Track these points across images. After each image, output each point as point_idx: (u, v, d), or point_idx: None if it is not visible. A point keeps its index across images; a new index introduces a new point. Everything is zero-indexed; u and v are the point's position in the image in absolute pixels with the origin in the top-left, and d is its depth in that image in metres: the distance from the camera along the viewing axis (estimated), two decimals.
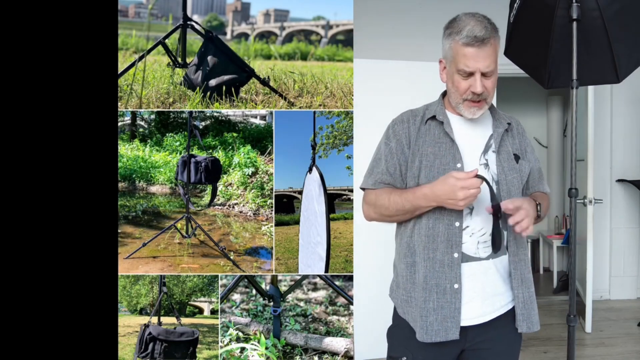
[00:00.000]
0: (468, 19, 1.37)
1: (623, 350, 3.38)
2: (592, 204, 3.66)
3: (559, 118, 5.80)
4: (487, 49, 1.35)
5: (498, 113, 1.52)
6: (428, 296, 1.40)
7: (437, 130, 1.45)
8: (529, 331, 1.45)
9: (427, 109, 1.51)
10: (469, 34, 1.34)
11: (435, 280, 1.39)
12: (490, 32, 1.35)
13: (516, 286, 1.43)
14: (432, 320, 1.39)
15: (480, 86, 1.36)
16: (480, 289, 1.41)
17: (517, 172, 1.45)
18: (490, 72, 1.37)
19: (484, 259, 1.42)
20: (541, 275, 5.50)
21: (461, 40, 1.35)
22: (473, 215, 1.41)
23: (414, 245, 1.44)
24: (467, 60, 1.35)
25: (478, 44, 1.33)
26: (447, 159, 1.41)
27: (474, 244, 1.41)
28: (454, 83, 1.41)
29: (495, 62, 1.38)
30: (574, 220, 1.90)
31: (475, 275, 1.41)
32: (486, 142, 1.46)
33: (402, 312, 1.49)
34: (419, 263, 1.43)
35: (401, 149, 1.46)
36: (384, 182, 1.48)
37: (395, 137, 1.48)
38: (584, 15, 1.84)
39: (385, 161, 1.49)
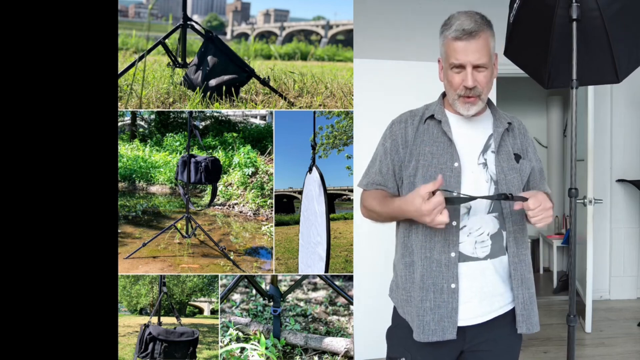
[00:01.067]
0: (459, 15, 1.38)
1: (623, 350, 3.38)
2: (592, 204, 3.66)
3: (559, 118, 5.80)
4: (477, 42, 1.35)
5: (499, 113, 1.51)
6: (425, 295, 1.39)
7: (435, 129, 1.45)
8: (529, 332, 1.44)
9: (427, 108, 1.51)
10: (457, 27, 1.35)
11: (432, 280, 1.39)
12: (480, 26, 1.35)
13: (516, 287, 1.43)
14: (429, 319, 1.39)
15: (472, 80, 1.36)
16: (478, 288, 1.41)
17: (517, 172, 1.44)
18: (483, 66, 1.36)
19: (481, 259, 1.41)
20: (541, 275, 5.51)
21: (451, 35, 1.36)
22: (470, 215, 1.41)
23: (411, 244, 1.45)
24: (456, 54, 1.36)
25: (466, 37, 1.34)
26: (445, 158, 1.40)
27: (471, 244, 1.40)
28: (448, 79, 1.41)
29: (487, 56, 1.37)
30: (574, 220, 1.90)
31: (472, 275, 1.40)
32: (485, 141, 1.45)
33: (402, 312, 1.49)
34: (417, 262, 1.42)
35: (396, 149, 1.47)
36: (375, 183, 1.50)
37: (392, 137, 1.49)
38: (584, 15, 1.84)
39: (379, 162, 1.50)
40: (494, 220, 1.41)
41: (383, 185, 1.49)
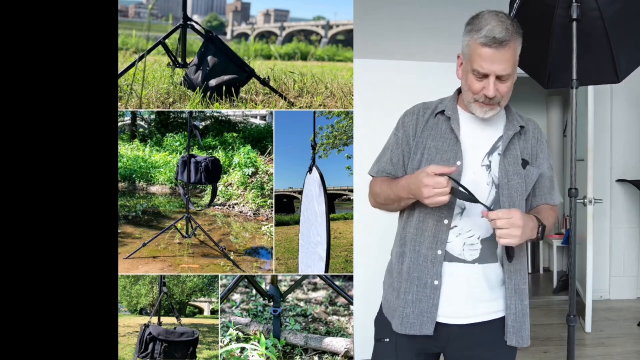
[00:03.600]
0: (490, 17, 1.30)
1: (623, 350, 3.38)
2: (592, 204, 3.66)
3: (559, 118, 5.80)
4: (505, 52, 1.28)
5: (513, 114, 1.46)
6: (409, 288, 1.40)
7: (444, 125, 1.43)
8: (518, 345, 1.39)
9: (441, 102, 1.48)
10: (488, 34, 1.28)
11: (417, 274, 1.39)
12: (511, 35, 1.29)
13: (509, 296, 1.39)
14: (409, 312, 1.39)
15: (493, 90, 1.31)
16: (463, 290, 1.38)
17: (522, 177, 1.39)
18: (507, 77, 1.32)
19: (469, 262, 1.38)
20: (541, 275, 5.50)
21: (479, 40, 1.29)
22: (463, 216, 1.38)
23: (405, 236, 1.45)
24: (482, 62, 1.30)
25: (496, 45, 1.27)
26: (449, 155, 1.38)
27: (459, 245, 1.38)
28: (467, 82, 1.36)
29: (514, 67, 1.33)
30: (574, 220, 1.90)
31: (457, 276, 1.38)
32: (493, 143, 1.41)
33: (385, 297, 1.51)
34: (406, 254, 1.43)
35: (407, 140, 1.46)
36: (386, 172, 1.50)
37: (403, 127, 1.48)
38: (584, 15, 1.84)
39: (390, 151, 1.50)
40: (487, 225, 1.36)
41: (393, 174, 1.49)
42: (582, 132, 3.76)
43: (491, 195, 1.38)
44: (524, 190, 1.40)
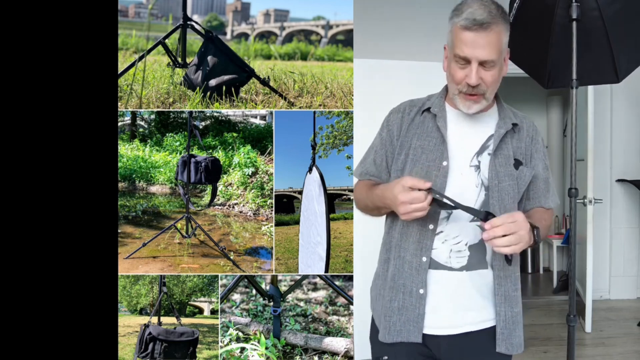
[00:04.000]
0: (473, 1, 1.23)
1: (623, 350, 3.38)
2: (592, 204, 3.66)
3: (558, 118, 5.80)
4: (487, 36, 1.19)
5: (506, 111, 1.36)
6: (394, 296, 1.32)
7: (430, 123, 1.34)
8: (508, 353, 1.31)
9: (428, 99, 1.41)
10: (468, 16, 1.20)
11: (403, 281, 1.31)
12: (494, 17, 1.20)
13: (499, 303, 1.30)
14: (395, 320, 1.32)
15: (476, 77, 1.22)
16: (450, 299, 1.30)
17: (514, 179, 1.29)
18: (491, 63, 1.22)
19: (456, 269, 1.29)
20: (541, 275, 5.51)
21: (459, 23, 1.21)
22: (450, 221, 1.29)
23: (390, 241, 1.37)
24: (463, 46, 1.21)
25: (476, 27, 1.19)
26: (435, 155, 1.30)
27: (445, 252, 1.29)
28: (450, 71, 1.28)
29: (497, 52, 1.22)
30: (574, 220, 1.91)
31: (444, 284, 1.30)
32: (483, 142, 1.32)
33: (372, 307, 1.43)
34: (391, 260, 1.35)
35: (390, 139, 1.38)
36: (369, 174, 1.43)
37: (388, 126, 1.41)
38: (584, 15, 1.84)
39: (374, 152, 1.43)
40: (475, 230, 1.28)
41: (377, 176, 1.41)
42: (582, 132, 3.76)
43: (480, 198, 1.29)
44: (516, 193, 1.30)
